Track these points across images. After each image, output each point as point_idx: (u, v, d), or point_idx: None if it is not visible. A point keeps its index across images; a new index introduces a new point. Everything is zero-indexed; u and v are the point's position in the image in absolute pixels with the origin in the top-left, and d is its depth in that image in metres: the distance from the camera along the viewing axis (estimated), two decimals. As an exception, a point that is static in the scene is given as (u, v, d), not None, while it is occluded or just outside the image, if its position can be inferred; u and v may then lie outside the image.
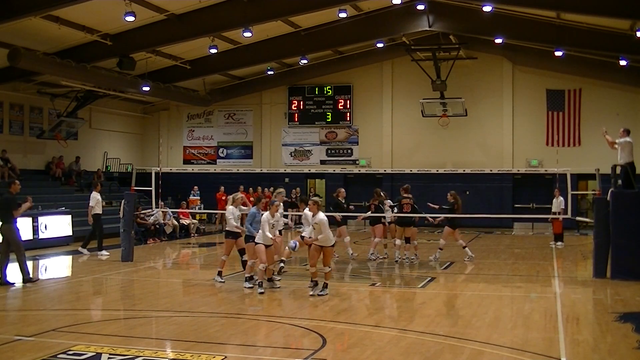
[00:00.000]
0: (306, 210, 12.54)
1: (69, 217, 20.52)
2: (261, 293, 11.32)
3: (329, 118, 29.66)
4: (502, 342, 8.15)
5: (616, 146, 13.77)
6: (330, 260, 11.72)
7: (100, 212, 17.56)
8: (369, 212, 16.53)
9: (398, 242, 15.83)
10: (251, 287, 11.78)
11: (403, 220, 15.64)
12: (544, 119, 27.23)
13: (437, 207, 16.42)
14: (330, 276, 11.42)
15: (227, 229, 13.12)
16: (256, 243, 11.55)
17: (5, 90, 23.33)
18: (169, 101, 30.37)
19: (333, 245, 11.54)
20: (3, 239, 12.65)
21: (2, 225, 12.55)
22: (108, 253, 17.14)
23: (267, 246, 11.58)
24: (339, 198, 16.74)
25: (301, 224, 18.37)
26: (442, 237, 16.45)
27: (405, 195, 15.83)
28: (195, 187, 26.37)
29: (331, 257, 11.85)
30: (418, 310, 10.60)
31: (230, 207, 12.73)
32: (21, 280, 12.55)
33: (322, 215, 11.22)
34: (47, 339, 8.22)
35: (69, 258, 17.10)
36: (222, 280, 12.65)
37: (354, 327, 9.09)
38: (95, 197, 17.46)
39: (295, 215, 21.91)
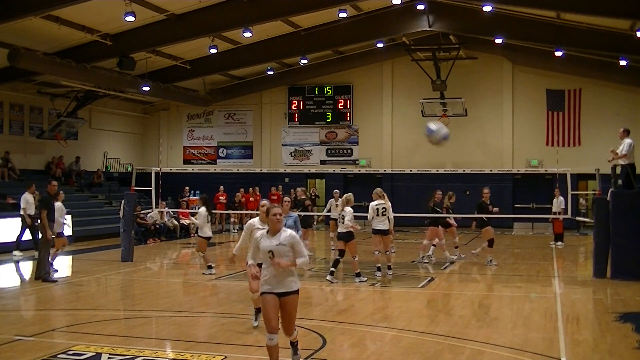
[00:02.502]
0: (253, 220, 8.90)
1: (69, 218, 20.44)
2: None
3: (329, 118, 29.66)
4: (502, 342, 8.16)
5: (619, 152, 13.64)
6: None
7: (32, 214, 16.85)
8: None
9: (425, 242, 16.17)
10: None
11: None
12: (544, 119, 27.22)
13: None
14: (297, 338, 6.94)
15: (340, 230, 12.96)
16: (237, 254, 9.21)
17: (5, 90, 23.31)
18: (169, 101, 30.37)
19: (297, 292, 6.65)
20: (42, 236, 13.25)
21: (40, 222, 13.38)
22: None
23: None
24: (483, 199, 15.66)
25: (309, 226, 17.80)
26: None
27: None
28: (186, 187, 25.76)
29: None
30: (418, 310, 10.60)
31: (348, 209, 12.76)
32: (37, 276, 12.93)
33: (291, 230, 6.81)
34: (47, 339, 8.23)
35: (69, 258, 17.09)
36: (365, 279, 12.86)
37: (354, 327, 9.09)
38: (26, 199, 17.14)
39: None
